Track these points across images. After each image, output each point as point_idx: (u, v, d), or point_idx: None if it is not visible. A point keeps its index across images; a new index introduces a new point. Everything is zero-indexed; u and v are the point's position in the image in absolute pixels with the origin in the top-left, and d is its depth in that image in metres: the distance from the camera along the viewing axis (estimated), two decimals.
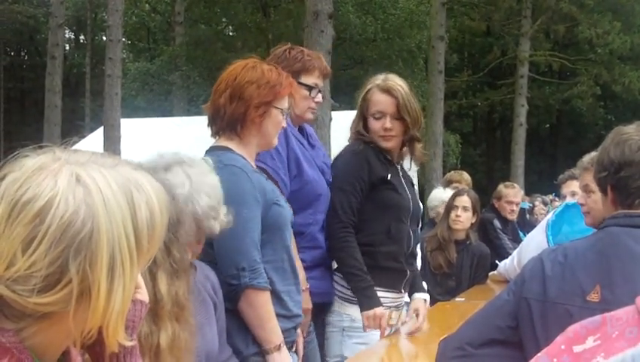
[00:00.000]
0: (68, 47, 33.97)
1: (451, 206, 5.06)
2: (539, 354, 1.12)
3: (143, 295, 1.31)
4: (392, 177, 3.13)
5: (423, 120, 3.23)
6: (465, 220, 5.00)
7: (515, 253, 4.70)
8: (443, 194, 5.66)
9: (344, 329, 3.07)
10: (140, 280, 1.28)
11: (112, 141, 13.11)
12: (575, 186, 4.20)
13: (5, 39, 33.04)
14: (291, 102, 2.77)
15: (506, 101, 26.65)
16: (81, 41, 35.80)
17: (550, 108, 29.68)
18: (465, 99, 29.27)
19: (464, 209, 5.00)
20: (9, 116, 32.79)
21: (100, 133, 13.97)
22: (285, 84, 2.62)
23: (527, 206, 9.97)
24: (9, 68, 34.53)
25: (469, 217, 5.02)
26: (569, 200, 4.39)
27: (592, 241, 1.90)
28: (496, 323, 1.90)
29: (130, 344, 1.18)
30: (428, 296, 3.41)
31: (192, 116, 17.90)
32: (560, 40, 27.67)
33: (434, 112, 17.60)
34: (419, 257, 4.30)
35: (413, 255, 3.27)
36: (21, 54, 37.60)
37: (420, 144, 3.25)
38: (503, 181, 7.60)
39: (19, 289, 0.97)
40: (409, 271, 3.21)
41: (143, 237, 1.04)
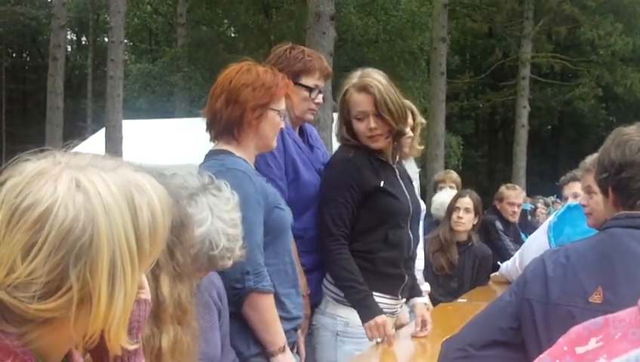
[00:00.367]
0: (70, 49, 34.00)
1: (453, 207, 5.06)
2: (541, 355, 1.12)
3: (146, 294, 1.31)
4: (387, 182, 2.97)
5: (414, 111, 3.01)
6: (467, 221, 5.00)
7: (517, 254, 4.69)
8: (447, 197, 5.62)
9: (338, 334, 2.94)
10: (144, 279, 1.27)
11: (113, 142, 13.12)
12: (577, 188, 4.19)
13: (7, 40, 33.09)
14: (289, 104, 2.75)
15: (508, 103, 26.65)
16: (83, 43, 35.80)
17: (552, 109, 29.67)
18: (467, 100, 29.28)
19: (466, 210, 5.00)
20: (11, 117, 32.79)
21: (102, 134, 13.97)
22: (281, 85, 2.60)
23: (529, 207, 9.96)
24: (11, 69, 34.54)
25: (470, 219, 5.02)
26: (571, 201, 4.38)
27: (594, 242, 1.90)
28: (498, 325, 1.90)
29: (133, 347, 1.17)
30: (428, 299, 3.33)
31: (193, 118, 17.85)
32: (562, 41, 27.65)
33: (436, 114, 17.62)
34: (421, 258, 4.30)
35: (412, 259, 3.14)
36: (23, 56, 37.62)
37: (407, 137, 3.07)
38: (504, 182, 7.59)
39: (19, 296, 0.97)
40: (407, 277, 3.09)
41: (144, 240, 1.03)
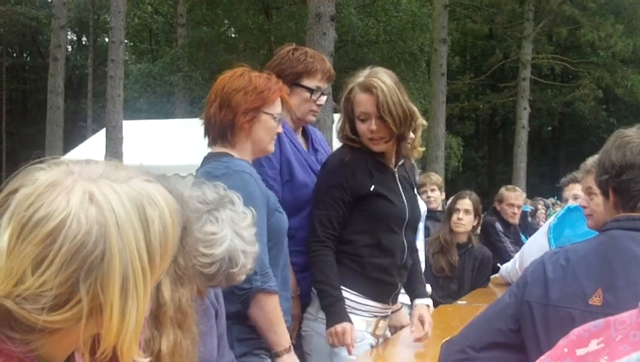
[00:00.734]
0: (70, 49, 34.03)
1: (453, 209, 5.06)
2: (542, 357, 1.12)
3: None
4: (382, 186, 2.88)
5: (416, 115, 2.88)
6: (467, 223, 5.00)
7: (517, 256, 4.70)
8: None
9: None
10: None
11: (114, 143, 13.10)
12: (577, 189, 4.20)
13: (8, 40, 33.08)
14: (285, 107, 2.74)
15: (508, 104, 26.67)
16: (84, 43, 35.82)
17: (552, 111, 29.70)
18: (467, 101, 29.30)
19: (466, 212, 5.00)
20: (11, 117, 32.81)
21: (102, 134, 13.93)
22: (274, 89, 2.60)
23: (529, 209, 9.97)
24: (11, 69, 34.56)
25: (470, 220, 5.02)
26: (571, 203, 4.39)
27: (594, 244, 1.89)
28: (498, 326, 1.90)
29: (145, 361, 1.15)
30: (430, 301, 3.26)
31: (194, 118, 17.86)
32: (562, 43, 27.68)
33: (436, 115, 17.61)
34: (421, 260, 4.29)
35: (406, 267, 3.02)
36: (23, 56, 37.62)
37: (409, 143, 2.96)
38: (504, 184, 7.59)
39: (28, 308, 0.96)
40: (399, 284, 3.01)
41: (155, 254, 1.03)
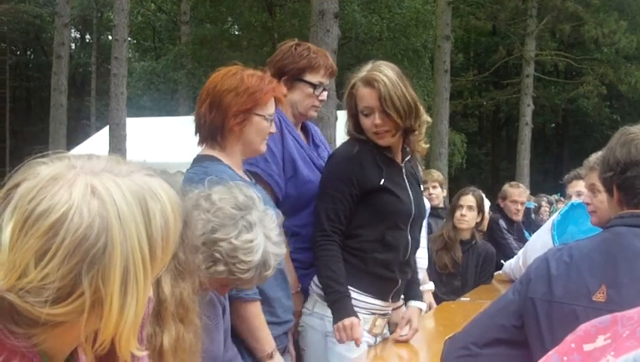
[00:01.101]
0: (74, 47, 34.08)
1: (456, 205, 5.06)
2: (549, 352, 1.12)
3: (149, 292, 1.31)
4: (390, 181, 2.82)
5: (420, 108, 2.82)
6: (470, 219, 5.00)
7: (521, 252, 4.69)
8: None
9: (327, 335, 2.81)
10: None
11: (117, 140, 13.11)
12: (581, 186, 4.19)
13: (11, 38, 33.11)
14: (290, 101, 2.70)
15: (512, 101, 26.65)
16: (87, 41, 35.86)
17: (556, 107, 29.66)
18: (470, 98, 29.30)
19: (469, 208, 4.99)
20: (15, 115, 32.84)
21: (106, 132, 13.96)
22: (267, 89, 2.52)
23: (532, 206, 9.95)
24: (15, 67, 34.58)
25: (474, 216, 5.01)
26: (575, 199, 4.38)
27: (598, 241, 1.89)
28: (502, 323, 1.90)
29: (143, 354, 1.16)
30: (424, 305, 3.21)
31: None
32: (566, 39, 27.63)
33: (439, 112, 17.62)
34: (425, 256, 4.29)
35: (408, 263, 2.97)
36: (27, 53, 37.68)
37: (416, 136, 2.90)
38: (508, 181, 7.59)
39: (31, 301, 0.96)
40: (400, 281, 2.95)
41: (157, 248, 1.04)
